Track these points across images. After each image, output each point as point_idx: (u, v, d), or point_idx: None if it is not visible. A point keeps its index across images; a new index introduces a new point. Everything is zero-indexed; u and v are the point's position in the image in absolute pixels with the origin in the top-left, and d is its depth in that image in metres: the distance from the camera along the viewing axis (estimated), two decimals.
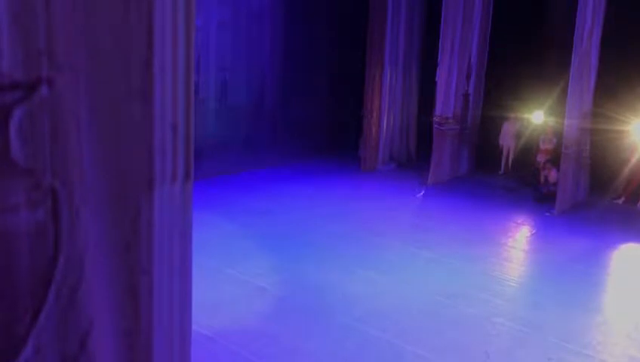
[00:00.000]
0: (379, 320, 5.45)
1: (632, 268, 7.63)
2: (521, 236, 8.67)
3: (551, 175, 10.38)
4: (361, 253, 7.21)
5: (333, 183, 10.94)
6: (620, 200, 10.36)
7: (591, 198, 10.45)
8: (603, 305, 6.43)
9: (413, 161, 13.20)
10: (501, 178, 12.06)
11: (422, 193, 10.52)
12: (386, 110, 12.41)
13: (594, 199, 10.37)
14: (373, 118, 12.15)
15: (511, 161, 12.33)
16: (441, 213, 9.40)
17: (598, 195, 10.38)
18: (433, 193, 10.62)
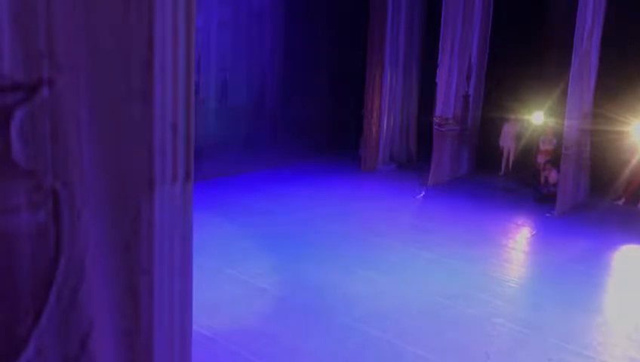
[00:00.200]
0: (379, 321, 5.45)
1: (632, 269, 7.62)
2: (521, 237, 8.66)
3: (551, 176, 10.37)
4: (362, 254, 7.21)
5: (334, 183, 10.94)
6: (621, 201, 10.36)
7: (591, 199, 10.44)
8: (603, 306, 6.42)
9: (414, 161, 13.19)
10: (501, 179, 12.05)
11: (422, 194, 10.51)
12: (386, 110, 12.41)
13: (594, 200, 10.36)
14: (374, 119, 12.16)
15: (511, 162, 12.32)
16: (442, 214, 9.39)
17: (599, 196, 10.37)
18: (433, 194, 10.61)
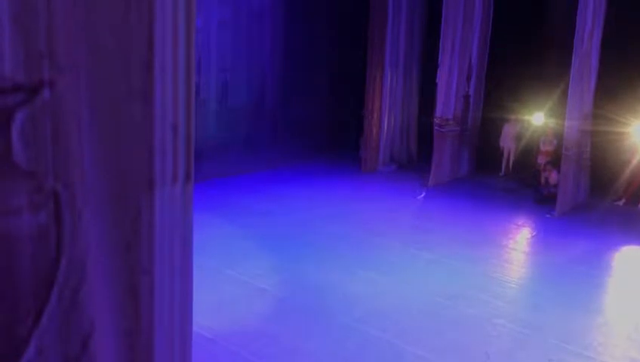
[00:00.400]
0: (379, 321, 5.45)
1: (632, 269, 7.62)
2: (521, 237, 8.66)
3: (551, 176, 10.36)
4: (362, 254, 7.21)
5: (334, 184, 10.94)
6: (621, 201, 10.35)
7: (591, 200, 10.43)
8: (604, 307, 6.43)
9: (414, 162, 13.18)
10: (501, 179, 12.04)
11: (423, 195, 10.51)
12: (386, 111, 12.41)
13: (594, 201, 10.35)
14: (374, 119, 12.16)
15: (511, 162, 12.31)
16: (442, 215, 9.39)
17: (599, 197, 10.37)
18: (434, 194, 10.61)
